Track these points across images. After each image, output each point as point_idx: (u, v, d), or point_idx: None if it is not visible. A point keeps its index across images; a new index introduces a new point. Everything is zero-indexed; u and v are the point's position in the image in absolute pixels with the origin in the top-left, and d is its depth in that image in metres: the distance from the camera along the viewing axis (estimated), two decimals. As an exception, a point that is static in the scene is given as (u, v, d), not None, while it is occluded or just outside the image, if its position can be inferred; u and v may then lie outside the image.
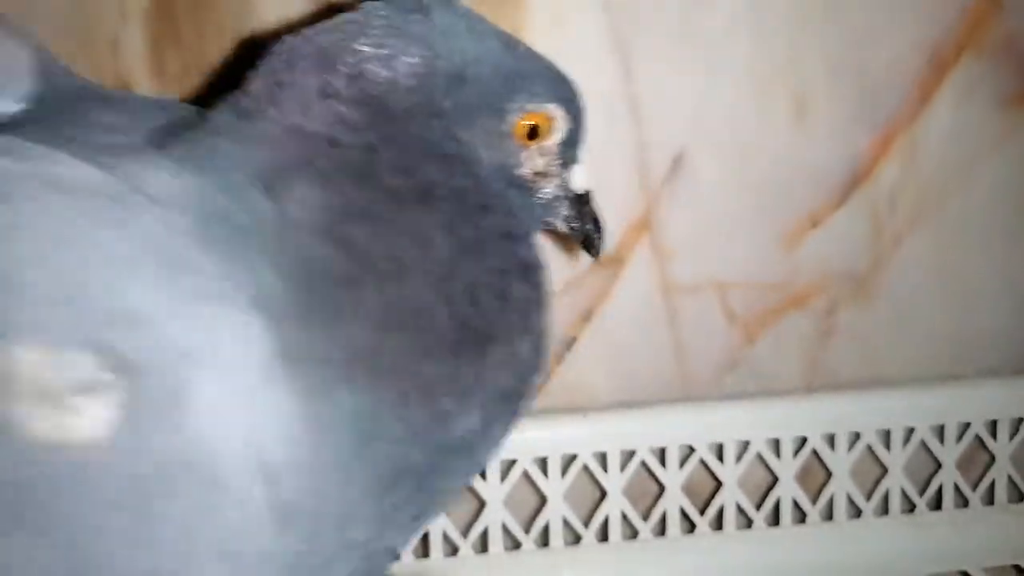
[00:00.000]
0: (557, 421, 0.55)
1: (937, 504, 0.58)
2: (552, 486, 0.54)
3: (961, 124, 0.59)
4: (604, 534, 0.55)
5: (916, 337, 0.61)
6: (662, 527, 0.56)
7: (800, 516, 0.57)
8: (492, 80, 0.31)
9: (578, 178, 0.35)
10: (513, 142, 0.32)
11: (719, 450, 0.56)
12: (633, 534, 0.56)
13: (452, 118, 0.30)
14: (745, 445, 0.56)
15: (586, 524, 0.55)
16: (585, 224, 0.36)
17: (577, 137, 0.35)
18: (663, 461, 0.55)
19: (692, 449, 0.55)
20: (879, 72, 0.58)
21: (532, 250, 0.31)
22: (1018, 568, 0.58)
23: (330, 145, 0.28)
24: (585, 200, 0.36)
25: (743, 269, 0.59)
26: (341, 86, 0.29)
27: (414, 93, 0.29)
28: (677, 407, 0.56)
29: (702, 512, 0.56)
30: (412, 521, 0.30)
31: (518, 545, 0.55)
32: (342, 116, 0.29)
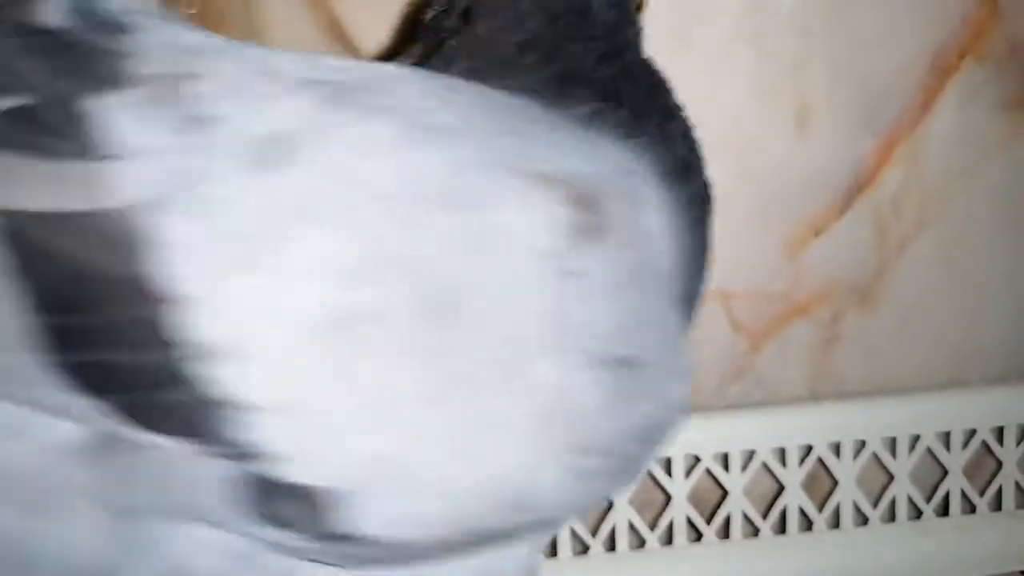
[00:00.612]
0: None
1: (944, 511, 0.58)
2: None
3: (964, 129, 0.59)
4: (611, 544, 0.55)
5: (921, 344, 0.61)
6: (669, 536, 0.56)
7: (807, 524, 0.57)
8: None
9: None
10: None
11: (724, 459, 0.56)
12: (640, 543, 0.56)
13: None
14: (751, 454, 0.55)
15: (593, 534, 0.55)
16: None
17: None
18: (669, 471, 0.55)
19: (698, 459, 0.55)
20: (881, 79, 0.58)
21: None
22: (1026, 574, 0.58)
23: None
24: None
25: (747, 278, 0.59)
26: None
27: None
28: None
29: (708, 521, 0.56)
30: None
31: (525, 556, 0.55)
32: None
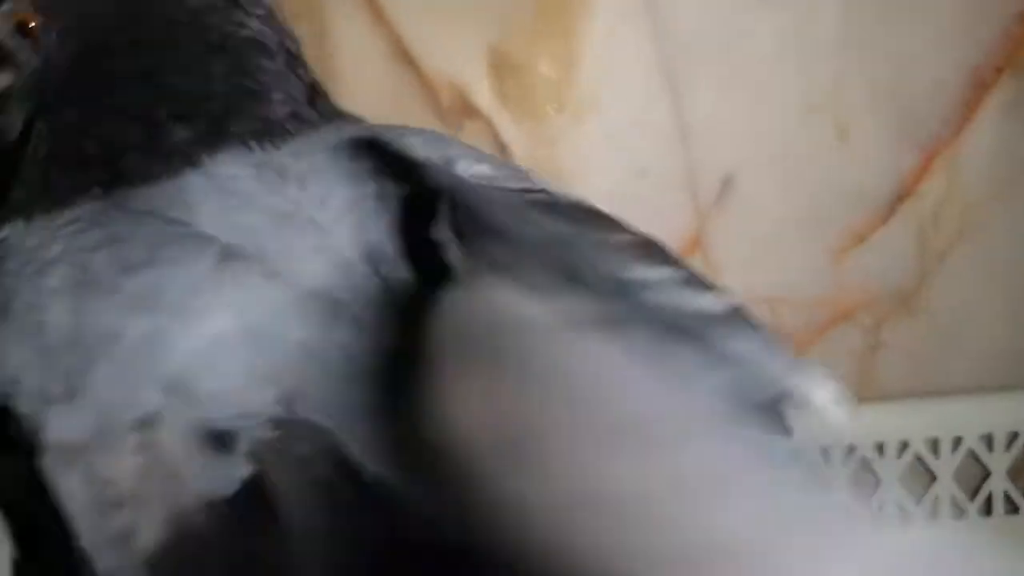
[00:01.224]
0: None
1: (987, 511, 0.59)
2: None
3: (1002, 142, 0.61)
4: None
5: (963, 350, 0.62)
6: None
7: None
8: None
9: None
10: None
11: (771, 459, 0.58)
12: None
13: None
14: (798, 454, 0.58)
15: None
16: None
17: None
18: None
19: (745, 459, 0.57)
20: (921, 94, 0.60)
21: None
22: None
23: None
24: None
25: (792, 285, 0.61)
26: None
27: None
28: (730, 419, 0.59)
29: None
30: None
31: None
32: None
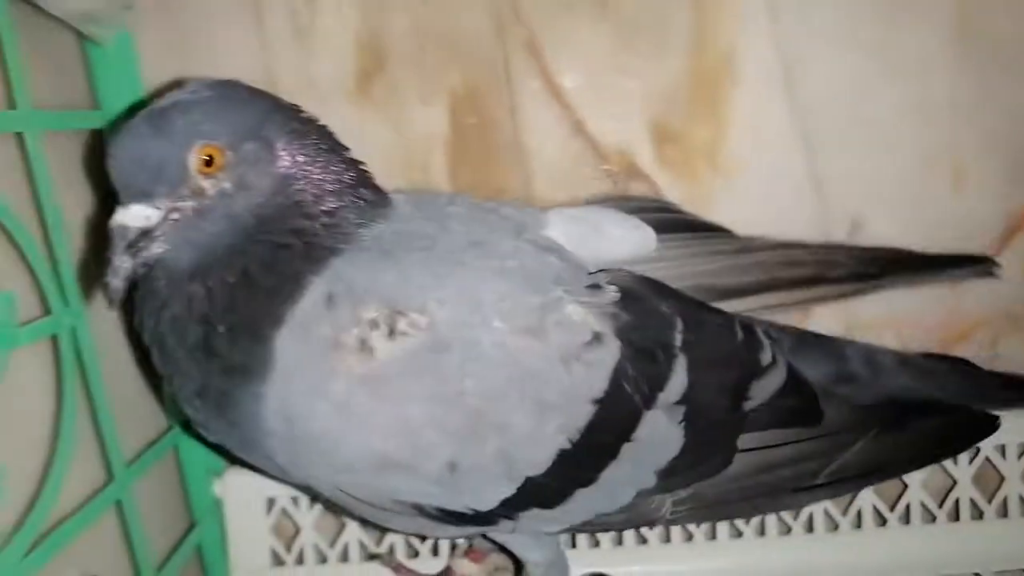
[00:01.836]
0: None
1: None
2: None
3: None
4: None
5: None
6: (858, 520, 0.69)
7: (978, 514, 0.69)
8: None
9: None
10: None
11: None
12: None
13: None
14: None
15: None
16: None
17: None
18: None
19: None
20: (1028, 141, 0.69)
21: None
22: None
23: None
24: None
25: (916, 310, 0.72)
26: None
27: None
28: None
29: (892, 509, 0.69)
30: None
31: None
32: None
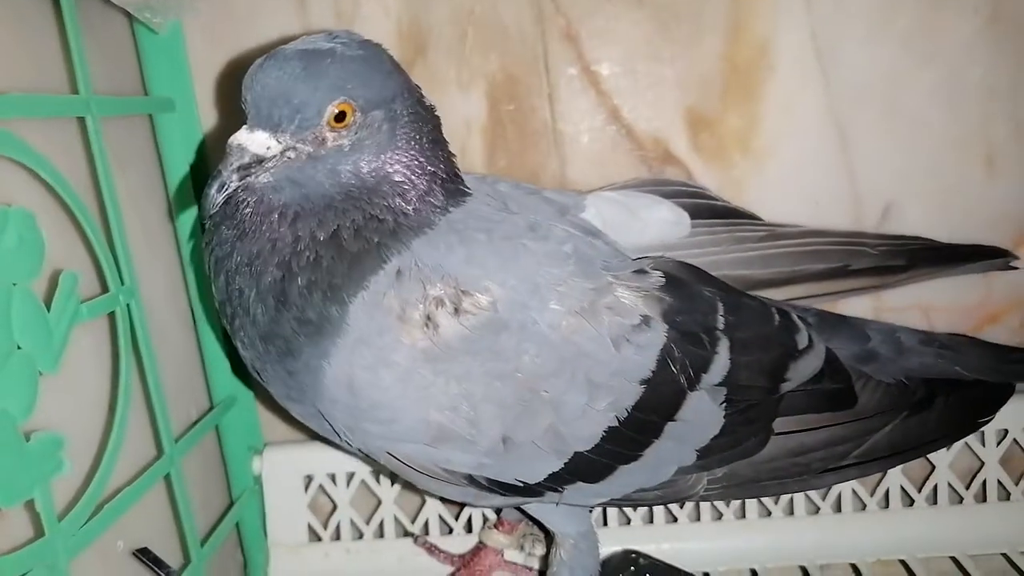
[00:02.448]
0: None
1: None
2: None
3: None
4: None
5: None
6: (886, 502, 0.71)
7: (1005, 495, 0.71)
8: None
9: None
10: None
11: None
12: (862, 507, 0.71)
13: None
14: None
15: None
16: None
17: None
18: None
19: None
20: (1060, 129, 0.70)
21: None
22: None
23: None
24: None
25: (944, 294, 0.72)
26: None
27: None
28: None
29: (919, 489, 0.71)
30: None
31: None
32: None
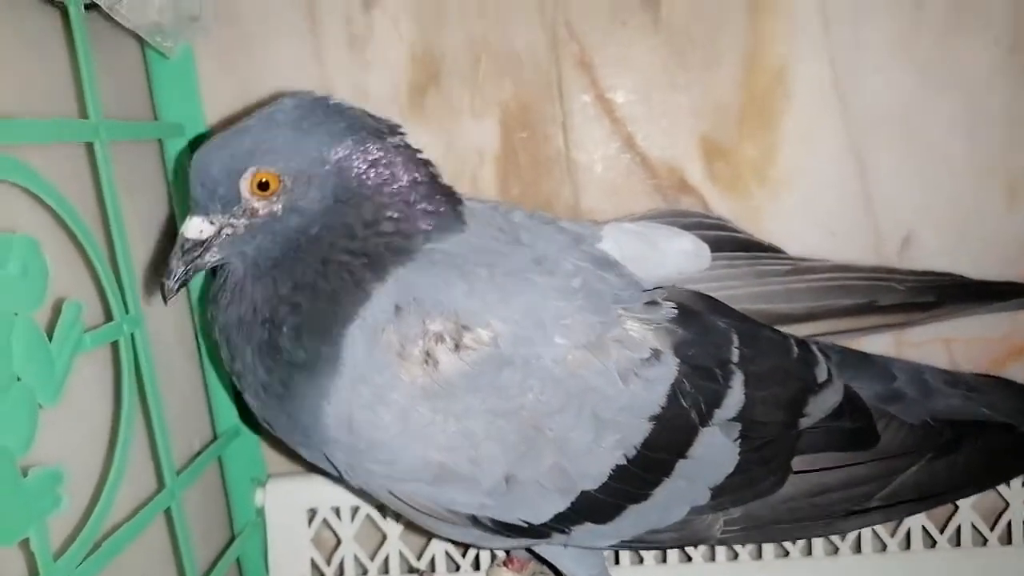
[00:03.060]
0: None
1: None
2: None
3: None
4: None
5: None
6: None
7: None
8: None
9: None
10: None
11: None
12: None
13: None
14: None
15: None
16: None
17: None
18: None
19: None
20: (1082, 158, 0.69)
21: None
22: None
23: None
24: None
25: (967, 328, 0.71)
26: None
27: None
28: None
29: (942, 531, 0.69)
30: None
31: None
32: None
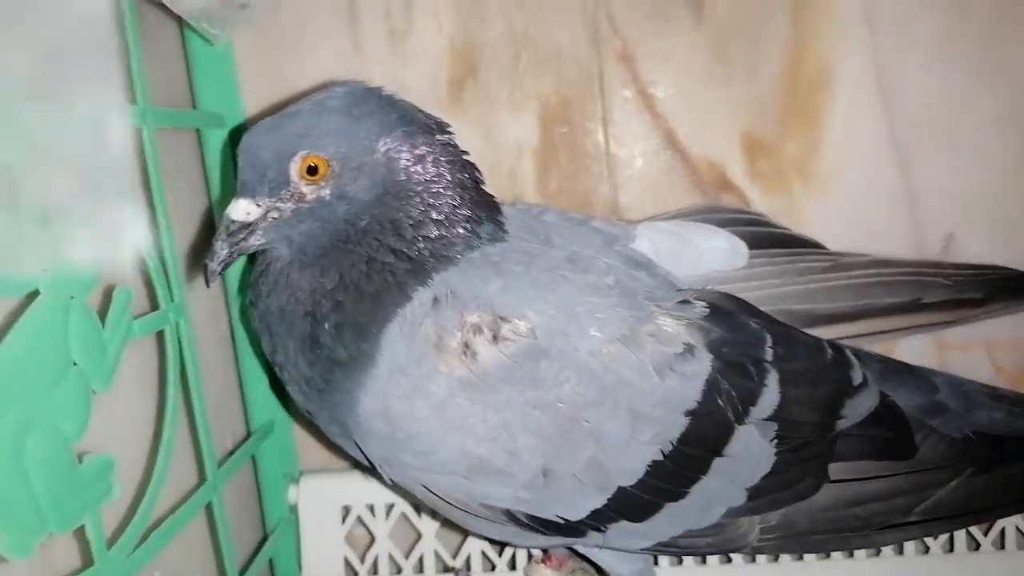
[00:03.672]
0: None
1: None
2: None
3: None
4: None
5: None
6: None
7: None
8: None
9: None
10: None
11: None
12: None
13: None
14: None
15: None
16: None
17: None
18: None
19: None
20: None
21: None
22: None
23: None
24: None
25: (1009, 330, 0.70)
26: None
27: None
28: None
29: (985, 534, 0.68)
30: None
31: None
32: None
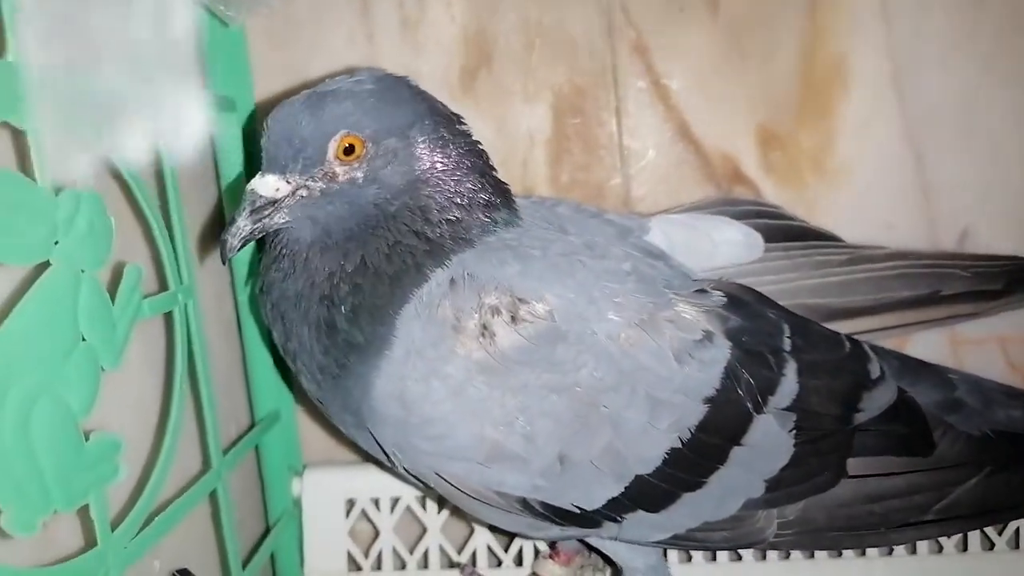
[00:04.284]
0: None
1: None
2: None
3: None
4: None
5: None
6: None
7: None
8: None
9: None
10: None
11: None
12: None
13: None
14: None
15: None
16: None
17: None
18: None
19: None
20: None
21: None
22: None
23: None
24: None
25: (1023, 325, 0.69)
26: None
27: None
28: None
29: (1000, 533, 0.67)
30: None
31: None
32: None
